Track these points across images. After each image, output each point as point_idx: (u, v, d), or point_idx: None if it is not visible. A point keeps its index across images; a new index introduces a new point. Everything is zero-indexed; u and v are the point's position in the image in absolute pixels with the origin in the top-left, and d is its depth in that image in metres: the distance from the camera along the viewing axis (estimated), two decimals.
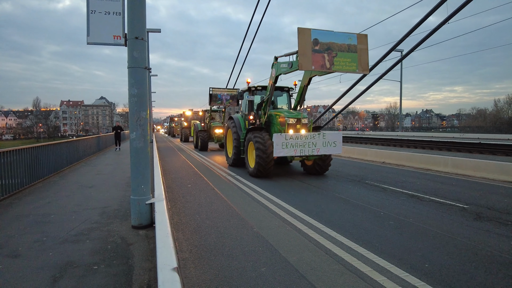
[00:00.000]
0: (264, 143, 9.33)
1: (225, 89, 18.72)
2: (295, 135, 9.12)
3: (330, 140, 9.45)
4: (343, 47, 8.14)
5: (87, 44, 5.09)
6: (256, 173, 9.56)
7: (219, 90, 18.32)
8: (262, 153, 9.25)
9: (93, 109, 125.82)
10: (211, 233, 4.88)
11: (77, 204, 6.69)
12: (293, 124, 9.92)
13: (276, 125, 10.34)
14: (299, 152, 9.12)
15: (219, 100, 18.31)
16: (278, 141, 8.94)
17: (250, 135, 10.11)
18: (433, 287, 3.27)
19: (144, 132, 5.13)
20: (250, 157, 10.32)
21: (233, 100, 18.51)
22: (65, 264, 3.80)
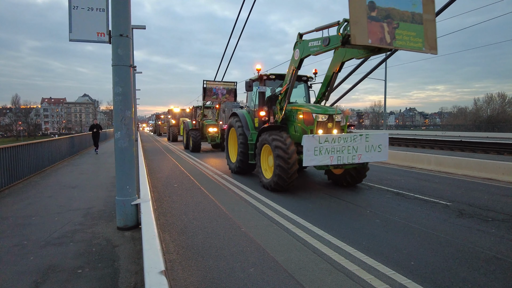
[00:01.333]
0: (286, 147, 7.21)
1: (221, 82, 16.41)
2: (331, 137, 6.88)
3: (375, 144, 7.32)
4: (406, 16, 6.13)
5: (70, 41, 4.95)
6: (274, 186, 7.43)
7: (214, 84, 16.24)
8: (284, 161, 7.11)
9: (76, 107, 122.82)
10: (198, 233, 4.83)
11: (60, 205, 6.51)
12: (324, 123, 7.69)
13: (295, 124, 8.20)
14: (336, 160, 6.92)
15: (214, 95, 16.27)
16: (309, 145, 6.66)
17: (265, 136, 7.95)
18: (419, 284, 3.33)
19: (129, 132, 5.02)
20: (265, 165, 8.30)
21: (229, 95, 16.56)
22: (47, 269, 3.69)
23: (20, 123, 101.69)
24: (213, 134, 18.48)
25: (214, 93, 16.17)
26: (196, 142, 17.84)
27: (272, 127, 8.21)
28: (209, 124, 18.77)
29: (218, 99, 16.62)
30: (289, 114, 8.47)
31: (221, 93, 16.35)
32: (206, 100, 16.84)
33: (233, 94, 16.60)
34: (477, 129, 47.45)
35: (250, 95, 10.48)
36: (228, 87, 16.54)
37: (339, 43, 6.12)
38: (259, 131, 8.50)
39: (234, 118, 10.55)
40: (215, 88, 16.18)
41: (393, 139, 25.41)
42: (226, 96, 16.49)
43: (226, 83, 16.50)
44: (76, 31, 4.93)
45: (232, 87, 16.64)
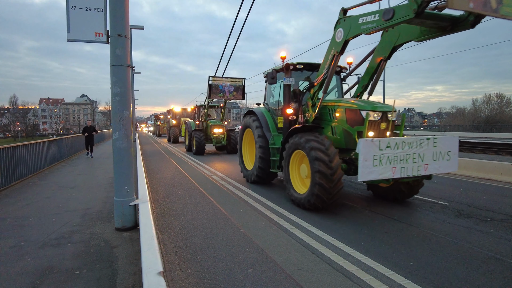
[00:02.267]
0: (328, 154, 5.62)
1: (228, 78, 14.91)
2: (393, 142, 5.30)
3: (443, 150, 5.76)
4: None
5: (67, 41, 4.93)
6: (311, 205, 5.82)
7: (221, 80, 14.68)
8: (326, 172, 5.51)
9: (74, 107, 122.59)
10: (197, 234, 4.81)
11: (58, 206, 6.48)
12: (376, 123, 6.01)
13: (333, 124, 6.54)
14: (398, 172, 5.36)
15: (220, 92, 14.74)
16: (368, 153, 5.09)
17: (297, 139, 6.29)
18: (418, 284, 3.33)
19: (127, 132, 5.01)
20: (295, 176, 6.61)
21: (237, 92, 15.04)
22: (44, 270, 3.66)
23: (18, 123, 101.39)
24: (219, 135, 17.07)
25: (220, 90, 14.73)
26: (200, 144, 16.39)
27: (305, 128, 6.58)
28: (214, 125, 17.30)
29: (225, 96, 15.14)
30: (324, 112, 6.84)
31: (228, 90, 14.89)
32: (212, 97, 15.27)
33: (241, 91, 15.16)
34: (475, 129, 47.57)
35: (269, 90, 8.94)
36: (236, 83, 15.04)
37: (411, 14, 4.42)
38: (288, 132, 6.82)
39: (250, 117, 8.95)
40: (222, 84, 14.72)
41: None
42: (233, 93, 15.02)
43: (233, 79, 15.02)
44: (74, 31, 4.90)
45: (240, 84, 15.12)
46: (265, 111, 8.64)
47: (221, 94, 14.87)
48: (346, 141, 6.32)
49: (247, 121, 9.12)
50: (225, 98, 15.55)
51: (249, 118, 9.07)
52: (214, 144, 17.31)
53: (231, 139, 16.86)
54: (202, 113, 18.74)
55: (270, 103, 8.78)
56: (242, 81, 15.22)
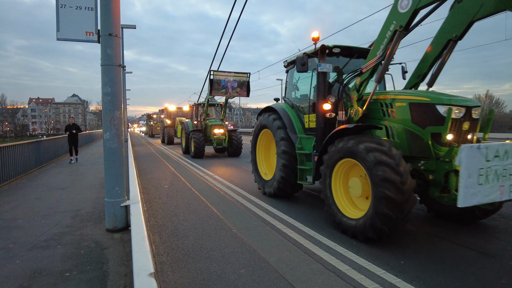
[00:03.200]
0: (396, 165, 4.12)
1: (232, 73, 13.55)
2: (502, 148, 3.96)
3: None
4: None
5: (57, 40, 4.86)
6: (380, 227, 4.15)
7: (223, 75, 13.36)
8: (395, 179, 4.05)
9: (65, 107, 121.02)
10: (189, 235, 4.79)
11: (48, 207, 6.39)
12: (458, 122, 4.49)
13: (390, 123, 5.05)
14: (507, 192, 4.00)
15: (223, 89, 13.33)
16: (473, 166, 3.77)
17: (345, 143, 4.76)
18: (408, 283, 3.36)
19: (118, 132, 4.96)
20: (340, 194, 5.06)
21: (241, 89, 13.68)
22: (33, 272, 3.61)
23: (6, 123, 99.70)
24: (219, 136, 15.58)
25: (223, 86, 13.31)
26: (199, 146, 14.81)
27: (350, 130, 4.98)
28: (214, 125, 15.75)
29: (227, 93, 13.69)
30: (373, 107, 5.28)
31: (231, 86, 13.46)
32: (213, 94, 13.80)
33: (245, 87, 13.82)
34: None
35: (291, 82, 7.29)
36: (240, 79, 13.66)
37: None
38: (330, 135, 5.19)
39: (270, 116, 7.23)
40: (224, 80, 13.31)
41: None
42: (237, 90, 13.62)
43: (237, 74, 13.64)
44: (64, 30, 4.84)
45: (244, 79, 13.76)
46: (288, 108, 6.95)
47: (223, 90, 13.39)
48: (411, 147, 4.75)
49: (264, 120, 7.41)
50: (228, 95, 14.21)
51: (267, 116, 7.29)
52: (214, 146, 15.74)
53: (232, 140, 15.74)
54: (201, 112, 17.14)
55: (293, 98, 7.11)
56: (247, 76, 13.84)
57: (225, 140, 15.73)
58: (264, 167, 7.84)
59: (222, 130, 15.68)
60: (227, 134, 15.80)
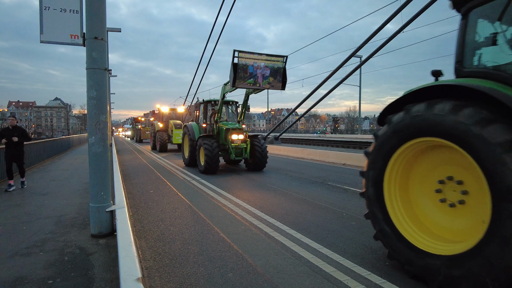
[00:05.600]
0: None
1: (263, 55, 9.75)
2: None
3: None
4: None
5: (41, 42, 4.78)
6: None
7: (252, 57, 9.58)
8: None
9: (47, 111, 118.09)
10: (175, 239, 4.75)
11: (28, 213, 6.22)
12: None
13: None
14: None
15: (251, 77, 9.65)
16: None
17: None
18: (393, 284, 3.43)
19: (103, 136, 4.90)
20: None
21: (275, 79, 9.95)
22: (14, 280, 3.51)
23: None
24: (239, 144, 11.59)
25: (250, 74, 9.65)
26: (213, 158, 10.90)
27: None
28: (232, 129, 11.71)
29: (257, 84, 9.85)
30: None
31: (262, 74, 9.78)
32: (237, 86, 9.80)
33: (280, 76, 10.07)
34: None
35: (482, 31, 3.41)
36: (274, 64, 9.88)
37: None
38: None
39: (470, 110, 2.89)
40: (253, 65, 9.63)
41: (368, 143, 26.14)
42: (269, 80, 9.89)
43: (270, 58, 9.82)
44: (47, 32, 4.77)
45: (279, 65, 9.96)
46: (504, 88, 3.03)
47: (251, 80, 9.68)
48: None
49: (443, 117, 3.01)
50: (257, 87, 9.97)
51: (455, 109, 2.95)
52: (232, 158, 11.60)
53: (255, 149, 11.84)
54: (211, 113, 12.98)
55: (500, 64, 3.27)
56: (282, 61, 10.03)
57: (247, 150, 11.85)
58: (406, 220, 3.58)
59: (242, 136, 11.76)
60: (249, 142, 11.92)
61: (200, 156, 11.64)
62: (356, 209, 6.49)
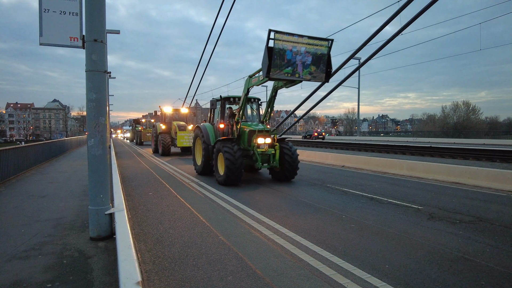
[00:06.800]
0: None
1: (304, 37, 7.73)
2: None
3: None
4: None
5: (40, 44, 4.77)
6: None
7: (291, 41, 7.60)
8: None
9: (45, 113, 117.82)
10: (175, 242, 4.74)
11: (27, 216, 6.19)
12: None
13: None
14: None
15: (288, 66, 7.72)
16: None
17: None
18: (393, 286, 3.43)
19: (103, 139, 4.88)
20: None
21: (317, 68, 8.04)
22: (12, 284, 3.49)
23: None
24: (266, 150, 9.64)
25: (288, 61, 7.70)
26: (236, 165, 8.99)
27: None
28: (258, 131, 9.69)
29: (296, 74, 7.91)
30: None
31: (303, 61, 7.85)
32: (271, 76, 7.77)
33: (324, 65, 8.06)
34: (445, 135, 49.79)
35: None
36: (316, 50, 7.91)
37: None
38: None
39: None
40: (292, 50, 7.66)
41: (366, 145, 26.16)
42: (311, 69, 7.98)
43: (313, 41, 7.83)
44: (47, 35, 4.76)
45: (323, 51, 7.98)
46: None
47: (289, 69, 7.76)
48: None
49: None
50: (296, 77, 7.99)
51: None
52: (259, 166, 9.57)
53: (285, 155, 9.86)
54: (228, 112, 11.05)
55: None
56: (327, 45, 8.01)
57: (276, 158, 9.81)
58: None
59: (270, 139, 9.81)
60: (278, 147, 9.92)
61: (218, 164, 9.77)
62: (355, 211, 6.48)
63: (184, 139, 19.01)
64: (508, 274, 3.76)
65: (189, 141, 18.92)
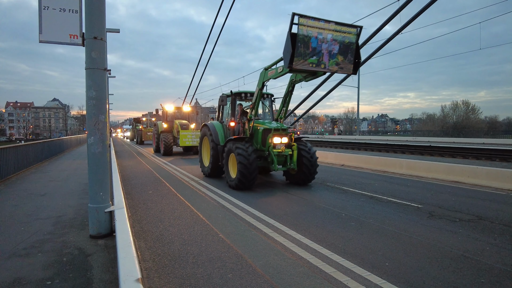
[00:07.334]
0: None
1: (331, 22, 6.92)
2: None
3: None
4: None
5: (40, 42, 4.75)
6: None
7: (317, 26, 6.81)
8: None
9: (45, 112, 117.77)
10: (175, 240, 4.74)
11: (27, 214, 6.19)
12: None
13: None
14: None
15: (313, 55, 6.90)
16: None
17: None
18: (393, 284, 3.43)
19: (103, 137, 4.88)
20: None
21: (345, 58, 7.24)
22: (12, 282, 3.49)
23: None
24: (282, 150, 8.72)
25: (313, 50, 6.85)
26: (250, 168, 8.15)
27: None
28: (275, 130, 8.79)
29: (321, 65, 7.05)
30: None
31: (329, 50, 7.01)
32: (295, 67, 6.84)
33: (352, 54, 7.30)
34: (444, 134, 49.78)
35: None
36: (344, 37, 7.09)
37: None
38: None
39: None
40: (317, 37, 6.82)
41: (366, 144, 26.16)
42: (338, 59, 7.15)
43: (340, 27, 7.01)
44: (46, 32, 4.74)
45: (351, 39, 7.19)
46: None
47: (314, 59, 6.89)
48: None
49: None
50: (322, 68, 7.12)
51: None
52: (275, 169, 8.62)
53: (302, 156, 8.96)
54: (239, 109, 10.27)
55: None
56: (355, 33, 7.22)
57: (294, 159, 8.87)
58: None
59: (287, 139, 8.92)
60: (296, 147, 8.96)
61: (229, 166, 8.98)
62: (355, 209, 6.49)
63: (187, 138, 18.18)
64: (507, 272, 3.77)
65: (192, 141, 18.21)
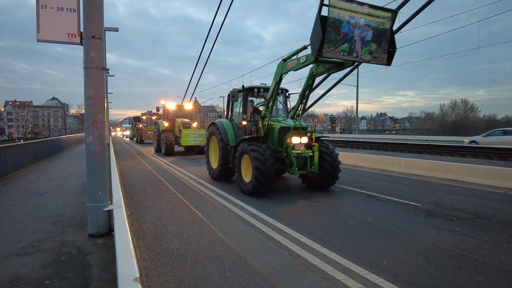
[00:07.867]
0: None
1: (365, 5, 5.88)
2: None
3: None
4: None
5: (38, 41, 4.75)
6: None
7: (349, 9, 5.74)
8: None
9: (44, 110, 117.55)
10: (173, 239, 4.74)
11: (26, 213, 6.18)
12: None
13: None
14: None
15: (345, 42, 5.84)
16: None
17: None
18: (391, 282, 3.45)
19: (101, 136, 4.88)
20: None
21: (379, 47, 6.19)
22: (10, 281, 3.49)
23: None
24: (302, 151, 7.83)
25: (345, 36, 5.87)
26: (268, 171, 7.22)
27: None
28: (294, 128, 7.95)
29: (353, 53, 6.06)
30: None
31: (362, 37, 6.05)
32: (324, 55, 5.82)
33: (386, 42, 6.31)
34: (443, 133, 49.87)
35: None
36: (378, 23, 6.14)
37: None
38: None
39: None
40: (349, 21, 5.84)
41: (365, 143, 26.20)
42: (371, 47, 6.18)
43: (374, 11, 6.06)
44: (44, 31, 4.74)
45: (385, 25, 6.24)
46: None
47: (345, 46, 5.95)
48: None
49: None
50: (354, 57, 6.15)
51: None
52: (294, 172, 7.69)
53: (324, 158, 8.10)
54: (250, 105, 9.36)
55: None
56: (390, 18, 6.27)
57: (313, 159, 7.94)
58: None
59: (306, 139, 8.06)
60: (317, 147, 8.03)
61: (242, 169, 8.11)
62: (353, 208, 6.50)
63: (189, 137, 17.47)
64: (504, 270, 3.79)
65: (194, 140, 17.57)
